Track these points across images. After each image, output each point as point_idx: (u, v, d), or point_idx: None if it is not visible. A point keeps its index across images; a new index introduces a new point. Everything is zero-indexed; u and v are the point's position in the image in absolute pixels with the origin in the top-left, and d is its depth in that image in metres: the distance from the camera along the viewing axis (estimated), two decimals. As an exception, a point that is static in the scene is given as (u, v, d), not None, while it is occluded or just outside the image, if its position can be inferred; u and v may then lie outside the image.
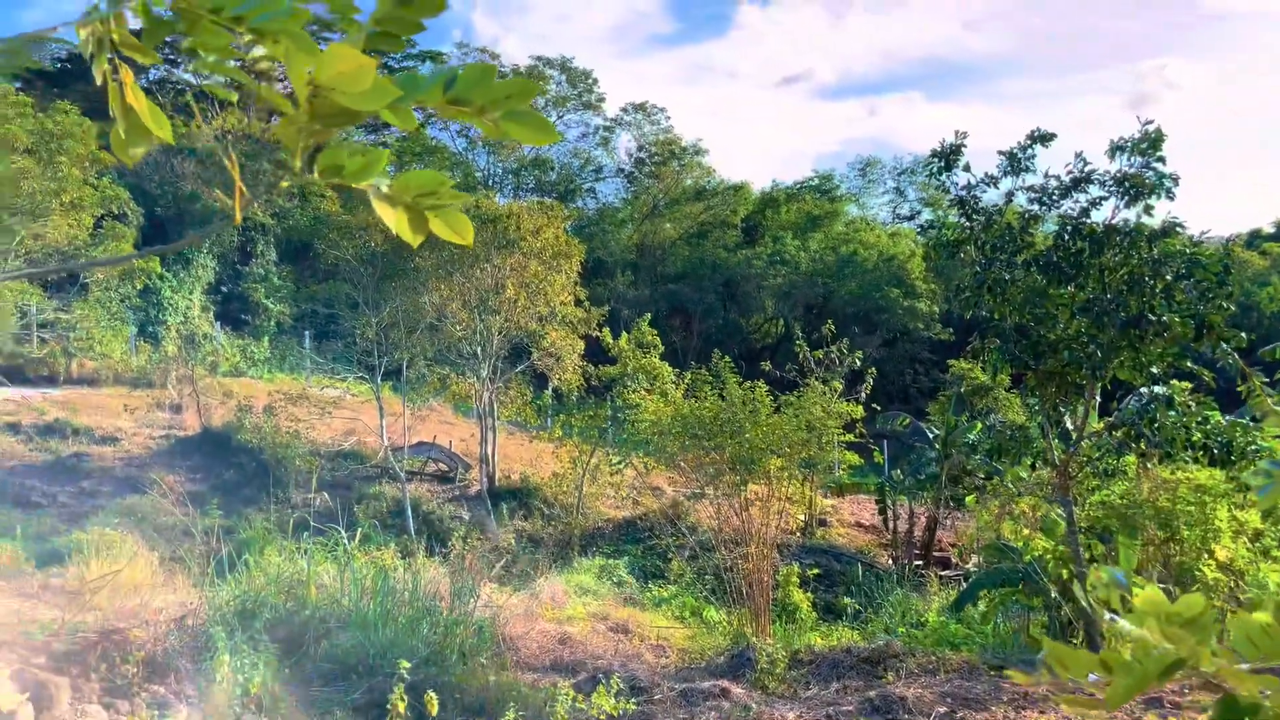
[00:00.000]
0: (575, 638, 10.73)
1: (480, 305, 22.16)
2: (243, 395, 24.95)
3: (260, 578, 9.90)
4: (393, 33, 1.15)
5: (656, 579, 17.56)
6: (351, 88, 1.06)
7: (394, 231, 1.35)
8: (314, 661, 8.48)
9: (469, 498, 22.74)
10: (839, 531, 23.18)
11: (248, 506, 20.86)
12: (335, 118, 1.14)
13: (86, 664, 6.47)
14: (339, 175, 1.24)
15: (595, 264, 38.27)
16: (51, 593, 13.10)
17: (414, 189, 1.30)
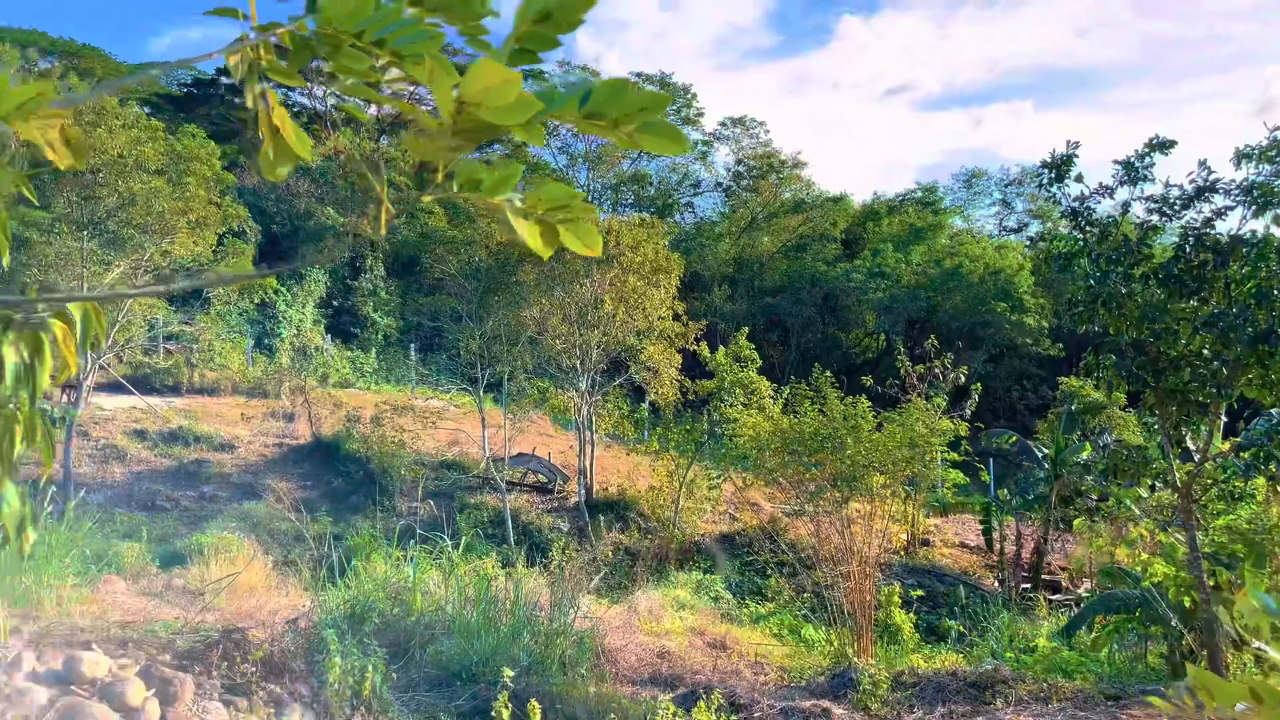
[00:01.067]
0: (674, 652, 10.71)
1: (580, 319, 22.41)
2: (351, 406, 25.75)
3: (368, 583, 10.19)
4: (531, 49, 1.18)
5: (753, 595, 17.41)
6: (496, 102, 1.08)
7: (526, 244, 1.39)
8: (419, 667, 8.68)
9: (567, 509, 22.96)
10: (942, 551, 22.57)
11: (355, 514, 21.52)
12: (475, 133, 1.17)
13: (209, 662, 6.76)
14: (477, 189, 1.28)
15: (692, 278, 38.32)
16: (174, 592, 13.75)
17: (547, 202, 1.32)
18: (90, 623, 9.64)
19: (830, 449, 10.60)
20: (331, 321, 34.68)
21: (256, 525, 19.62)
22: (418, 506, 21.76)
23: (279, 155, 1.73)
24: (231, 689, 6.64)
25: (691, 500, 21.60)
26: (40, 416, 2.42)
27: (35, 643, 7.90)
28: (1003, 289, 40.19)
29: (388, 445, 22.79)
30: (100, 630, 8.91)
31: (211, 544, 16.50)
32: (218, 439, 24.44)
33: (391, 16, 1.49)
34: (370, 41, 1.52)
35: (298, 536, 19.11)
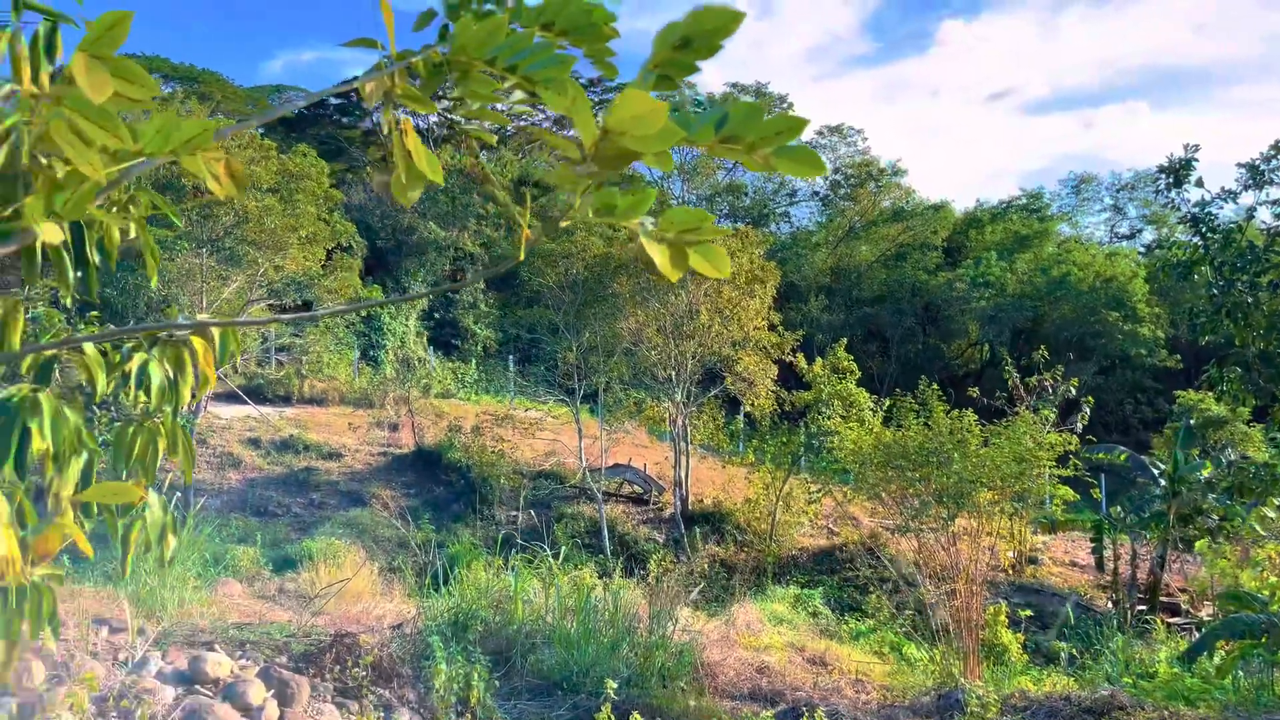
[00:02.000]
0: (773, 667, 10.58)
1: (675, 330, 22.44)
2: (452, 416, 26.30)
3: (471, 591, 10.36)
4: (669, 75, 1.18)
5: (853, 611, 17.09)
6: (641, 131, 1.09)
7: (656, 267, 1.39)
8: (520, 675, 8.78)
9: (662, 520, 22.97)
10: (1051, 570, 21.76)
11: (456, 522, 21.96)
12: (615, 160, 1.18)
13: (322, 665, 6.97)
14: (611, 214, 1.29)
15: (788, 288, 37.99)
16: (286, 596, 14.23)
17: (678, 226, 1.33)
18: (210, 624, 10.06)
19: (936, 463, 10.34)
20: (433, 333, 35.55)
21: (362, 532, 20.16)
22: (516, 515, 22.07)
23: (410, 178, 1.78)
24: (343, 692, 6.83)
25: (788, 514, 21.36)
26: (181, 430, 2.54)
27: (160, 642, 8.28)
28: (1114, 298, 38.65)
29: (487, 455, 23.20)
30: (219, 631, 9.29)
31: (320, 550, 17.06)
32: (326, 448, 25.26)
33: (523, 42, 1.53)
34: (503, 67, 1.55)
35: (401, 543, 19.60)
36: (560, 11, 1.53)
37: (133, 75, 1.01)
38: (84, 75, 0.96)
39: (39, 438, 2.04)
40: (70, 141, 1.05)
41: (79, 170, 1.13)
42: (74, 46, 2.51)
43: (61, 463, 2.15)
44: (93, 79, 0.97)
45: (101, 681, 5.60)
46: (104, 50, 0.99)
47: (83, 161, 1.07)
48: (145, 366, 2.31)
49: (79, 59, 0.97)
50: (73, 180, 1.15)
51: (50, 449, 2.06)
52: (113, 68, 1.00)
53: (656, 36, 1.16)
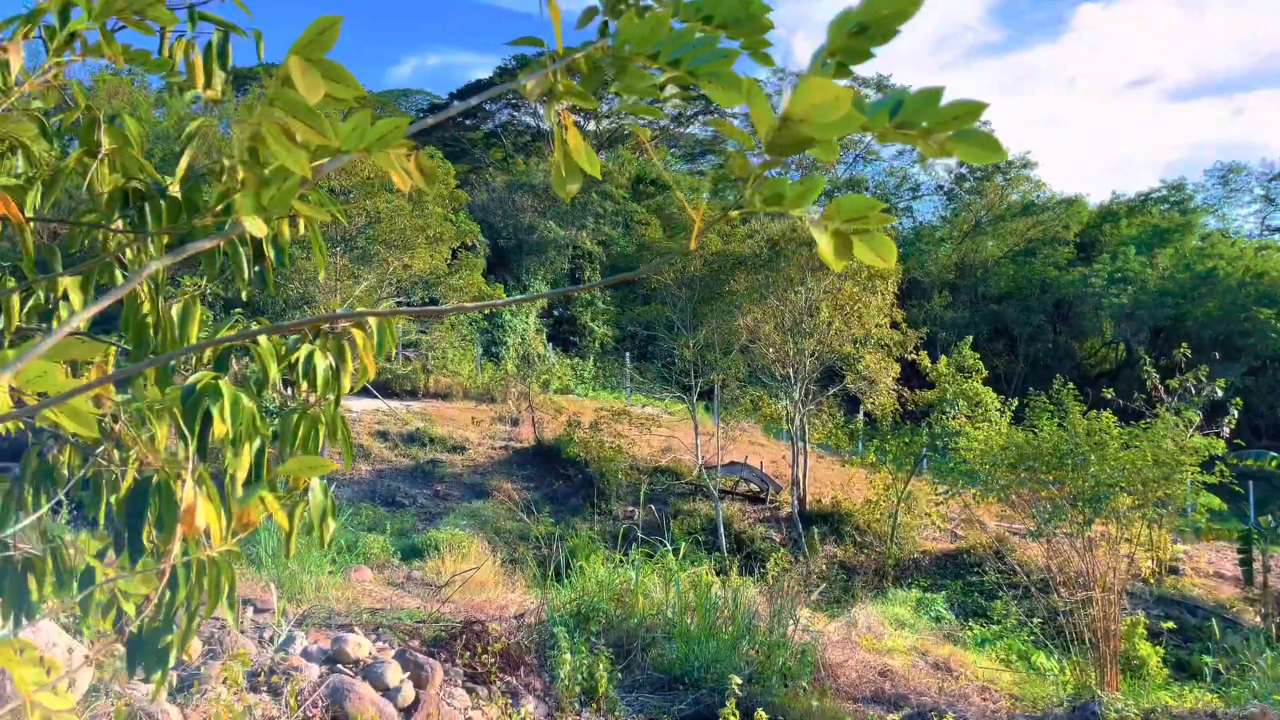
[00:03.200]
0: (896, 671, 10.37)
1: (793, 328, 22.21)
2: (571, 411, 26.70)
3: (592, 584, 10.50)
4: (844, 63, 1.18)
5: (978, 617, 16.59)
6: (822, 118, 1.10)
7: (821, 256, 1.39)
8: (641, 669, 8.86)
9: (779, 519, 22.78)
10: (1194, 581, 20.61)
11: (574, 516, 22.29)
12: (789, 148, 1.19)
13: (453, 650, 7.19)
14: (780, 203, 1.30)
15: (910, 285, 37.08)
16: (414, 584, 14.72)
17: (845, 214, 1.32)
18: (345, 608, 10.50)
19: (1071, 466, 9.93)
20: (552, 330, 36.16)
21: (484, 523, 20.67)
22: (633, 511, 22.26)
23: (570, 173, 1.82)
24: (473, 677, 7.04)
25: (910, 515, 20.87)
26: (341, 418, 2.66)
27: (301, 623, 8.70)
28: (1266, 294, 36.27)
29: (605, 450, 23.46)
30: (353, 615, 9.69)
31: (445, 540, 17.57)
32: (450, 441, 26.01)
33: (686, 37, 1.55)
34: (666, 61, 1.58)
35: (522, 535, 20.03)
36: (718, 5, 1.55)
37: (340, 76, 1.07)
38: (300, 77, 1.02)
39: (219, 422, 2.17)
40: (280, 140, 1.12)
41: (284, 166, 1.20)
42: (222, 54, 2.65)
43: (238, 446, 2.29)
44: (307, 80, 1.03)
45: (252, 658, 5.93)
46: (315, 53, 1.05)
47: (290, 159, 1.13)
48: (310, 357, 2.44)
49: (294, 62, 1.03)
50: (278, 177, 1.22)
51: (230, 433, 2.19)
52: (322, 70, 1.06)
53: (832, 24, 1.15)
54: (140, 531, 2.07)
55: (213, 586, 2.30)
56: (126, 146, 2.33)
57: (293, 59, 1.04)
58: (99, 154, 2.32)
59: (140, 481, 2.10)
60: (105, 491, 2.52)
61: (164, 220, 2.34)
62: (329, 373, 2.47)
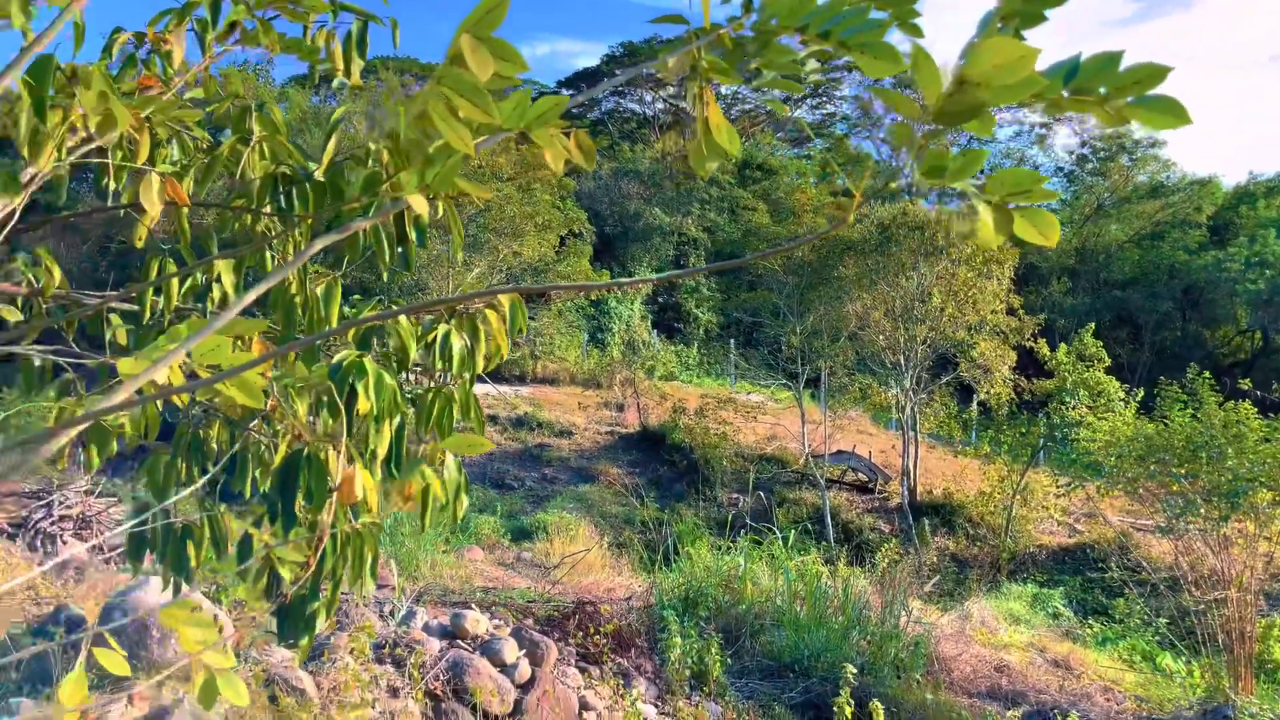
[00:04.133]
0: (1013, 667, 10.08)
1: (904, 314, 21.72)
2: (676, 398, 26.75)
3: (700, 570, 10.52)
4: (1020, 28, 1.14)
5: (1098, 615, 15.98)
6: (1002, 80, 1.06)
7: (978, 233, 1.35)
8: (750, 655, 8.84)
9: (888, 510, 22.37)
10: (1338, 585, 19.38)
11: (679, 501, 22.35)
12: (960, 115, 1.15)
13: (565, 630, 7.32)
14: (939, 175, 1.26)
15: (1028, 270, 35.78)
16: (523, 564, 15.01)
17: (1008, 187, 1.28)
18: (459, 586, 10.80)
19: (1205, 459, 9.43)
20: (657, 317, 36.25)
21: (590, 507, 20.92)
22: (738, 498, 22.20)
23: (710, 151, 1.81)
24: (585, 657, 7.14)
25: (1025, 508, 20.20)
26: (473, 396, 2.72)
27: (419, 599, 8.98)
28: None
29: (710, 437, 23.42)
30: (467, 593, 9.95)
31: (553, 522, 17.86)
32: (557, 426, 26.38)
33: (835, 8, 1.52)
34: (815, 34, 1.55)
35: (627, 520, 20.20)
36: (866, -25, 1.52)
37: (507, 54, 1.09)
38: (471, 54, 1.04)
39: (364, 399, 2.25)
40: (446, 118, 1.14)
41: (447, 145, 1.22)
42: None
43: (380, 423, 2.37)
44: (478, 58, 1.05)
45: (376, 631, 6.15)
46: (484, 31, 1.07)
47: (455, 137, 1.16)
48: (447, 337, 2.50)
49: (465, 40, 1.05)
50: (440, 155, 1.25)
51: (374, 409, 2.27)
52: (491, 47, 1.08)
53: (1005, -13, 1.11)
54: (293, 502, 2.16)
55: (356, 557, 2.39)
56: (275, 133, 2.43)
57: (464, 37, 1.06)
58: (250, 141, 2.43)
59: (292, 454, 2.19)
60: (251, 466, 2.65)
61: (310, 204, 2.44)
62: (464, 352, 2.53)
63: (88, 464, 2.83)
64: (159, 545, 2.46)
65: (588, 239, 30.40)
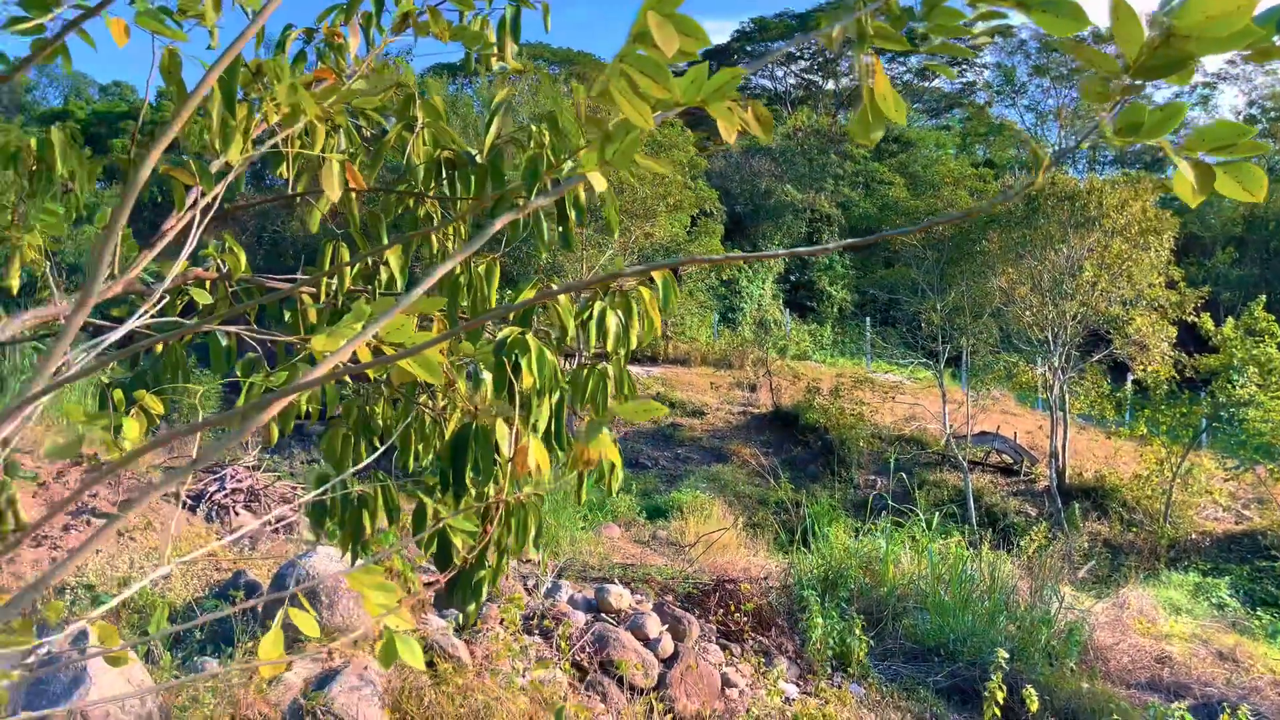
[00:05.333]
0: (1175, 658, 9.57)
1: (1053, 289, 20.76)
2: (809, 377, 26.43)
3: (839, 551, 10.40)
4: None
5: (1269, 606, 14.99)
6: (1216, 32, 1.00)
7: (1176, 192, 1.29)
8: (893, 638, 8.70)
9: (1035, 493, 21.52)
10: None
11: (814, 482, 22.10)
12: (1162, 69, 1.10)
13: (706, 608, 7.37)
14: (1135, 132, 1.21)
15: (1189, 240, 33.57)
16: (658, 542, 15.17)
17: (1209, 141, 1.21)
18: (598, 562, 11.00)
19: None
20: (789, 296, 35.82)
21: (724, 487, 20.93)
22: (875, 480, 21.80)
23: (875, 119, 1.78)
24: (725, 635, 7.18)
25: (1186, 492, 19.07)
26: (627, 372, 2.77)
27: (561, 574, 9.21)
28: None
29: (845, 417, 23.04)
30: (606, 569, 10.13)
31: (687, 502, 17.96)
32: (689, 405, 26.48)
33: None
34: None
35: (761, 500, 20.14)
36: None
37: (691, 29, 1.10)
38: (656, 30, 1.06)
39: (527, 374, 2.32)
40: (626, 95, 1.16)
41: (625, 121, 1.24)
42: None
43: (541, 397, 2.44)
44: (663, 34, 1.07)
45: (524, 602, 6.35)
46: (668, 7, 1.08)
47: (635, 113, 1.18)
48: (603, 314, 2.55)
49: (652, 17, 1.07)
50: (619, 132, 1.27)
51: (536, 384, 2.34)
52: (675, 23, 1.09)
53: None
54: (463, 473, 2.25)
55: (520, 527, 2.48)
56: (438, 119, 2.52)
57: (650, 14, 1.07)
58: (415, 127, 2.53)
59: (462, 428, 2.29)
60: (415, 439, 2.77)
61: (472, 187, 2.52)
62: (619, 329, 2.58)
63: (267, 438, 3.02)
64: (338, 514, 2.61)
65: (719, 218, 30.25)
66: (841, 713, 6.45)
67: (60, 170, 2.20)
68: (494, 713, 4.42)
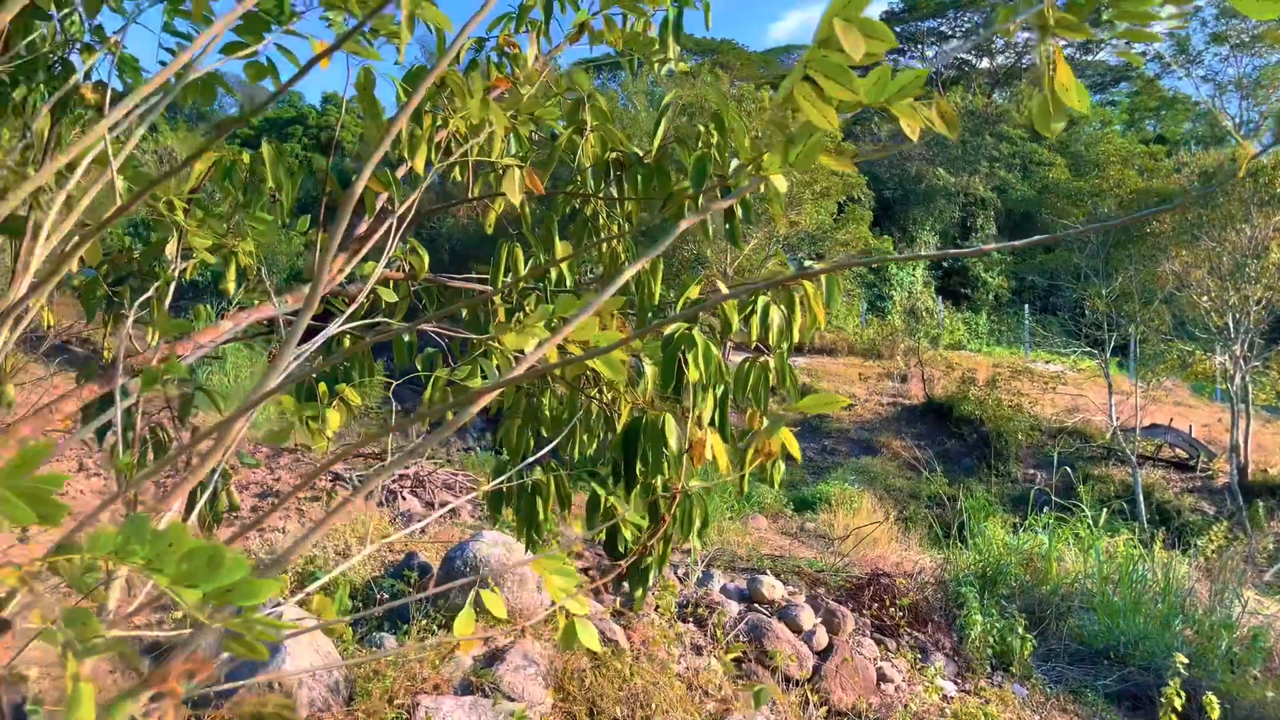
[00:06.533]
0: (1377, 672, 8.79)
1: (1234, 272, 19.35)
2: (963, 368, 25.59)
3: (997, 547, 10.05)
4: None
5: None
6: None
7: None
8: (1057, 638, 8.37)
9: (1212, 490, 20.15)
10: None
11: (968, 476, 21.39)
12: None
13: (860, 601, 7.29)
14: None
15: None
16: (806, 534, 15.05)
17: None
18: (745, 553, 11.02)
19: None
20: (941, 283, 34.70)
21: (873, 480, 20.53)
22: (1034, 474, 20.92)
23: (1056, 110, 1.75)
24: (879, 629, 7.08)
25: (1391, 492, 17.46)
26: (789, 366, 2.79)
27: (709, 564, 9.28)
28: None
29: (1002, 409, 22.20)
30: (754, 560, 10.14)
31: (834, 494, 17.71)
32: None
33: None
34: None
35: (912, 494, 19.64)
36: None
37: (876, 32, 1.12)
38: (843, 35, 1.09)
39: (693, 368, 2.38)
40: (810, 99, 1.20)
41: (808, 123, 1.28)
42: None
43: (706, 391, 2.50)
44: (849, 39, 1.10)
45: (678, 590, 6.45)
46: (853, 13, 1.11)
47: (819, 116, 1.21)
48: (767, 308, 2.58)
49: (837, 23, 1.10)
50: (801, 134, 1.31)
51: (701, 378, 2.40)
52: (861, 27, 1.12)
53: None
54: (634, 465, 2.34)
55: (685, 518, 2.55)
56: (606, 122, 2.61)
57: (836, 20, 1.11)
58: (584, 131, 2.63)
59: (633, 421, 2.37)
60: (580, 430, 2.87)
61: (639, 188, 2.60)
62: (783, 323, 2.61)
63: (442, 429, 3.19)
64: (514, 501, 2.75)
65: (866, 204, 29.62)
66: (1003, 713, 6.26)
67: (270, 182, 2.41)
68: (652, 697, 4.53)
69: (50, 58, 2.37)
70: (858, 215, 25.86)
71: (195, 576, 0.93)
